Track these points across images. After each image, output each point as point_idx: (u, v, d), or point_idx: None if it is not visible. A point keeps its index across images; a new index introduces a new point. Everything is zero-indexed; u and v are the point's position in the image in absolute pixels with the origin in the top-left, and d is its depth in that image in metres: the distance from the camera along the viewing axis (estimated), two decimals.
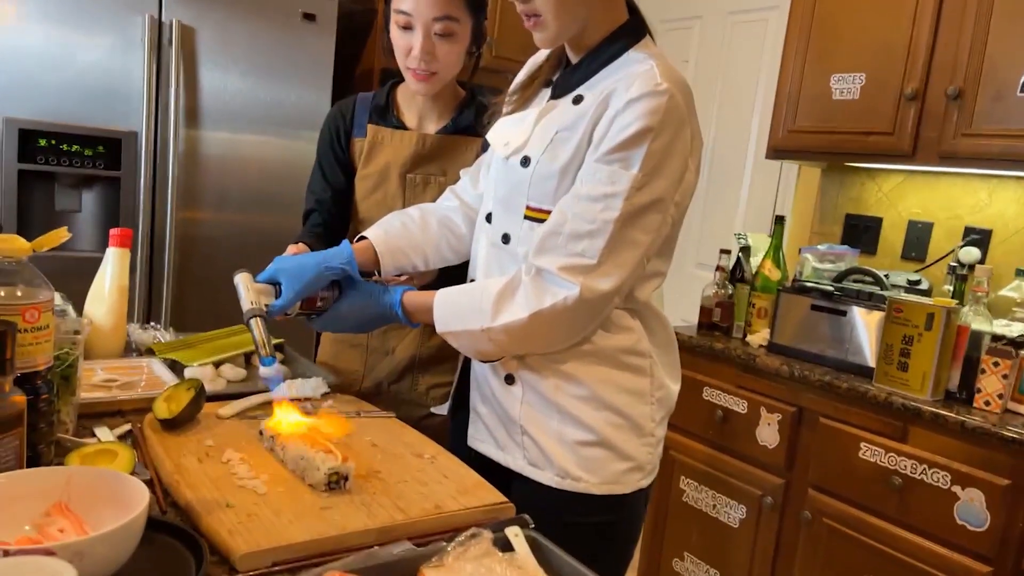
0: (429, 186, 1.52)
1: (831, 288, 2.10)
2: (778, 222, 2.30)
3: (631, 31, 1.14)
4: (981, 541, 1.67)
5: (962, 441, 1.71)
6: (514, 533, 0.84)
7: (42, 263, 0.93)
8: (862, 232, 2.57)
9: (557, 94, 1.18)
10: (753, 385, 2.15)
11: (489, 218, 1.23)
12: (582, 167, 1.09)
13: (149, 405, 1.13)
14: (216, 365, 1.39)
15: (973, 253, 2.12)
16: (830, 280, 2.22)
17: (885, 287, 2.11)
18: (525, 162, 1.15)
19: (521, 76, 1.29)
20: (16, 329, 0.82)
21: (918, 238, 2.43)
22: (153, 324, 1.63)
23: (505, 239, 1.18)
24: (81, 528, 0.75)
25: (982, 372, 1.77)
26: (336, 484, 0.95)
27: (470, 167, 1.41)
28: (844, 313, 2.03)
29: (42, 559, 0.62)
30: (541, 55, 1.27)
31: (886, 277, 2.19)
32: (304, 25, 2.58)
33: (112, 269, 1.43)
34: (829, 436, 1.96)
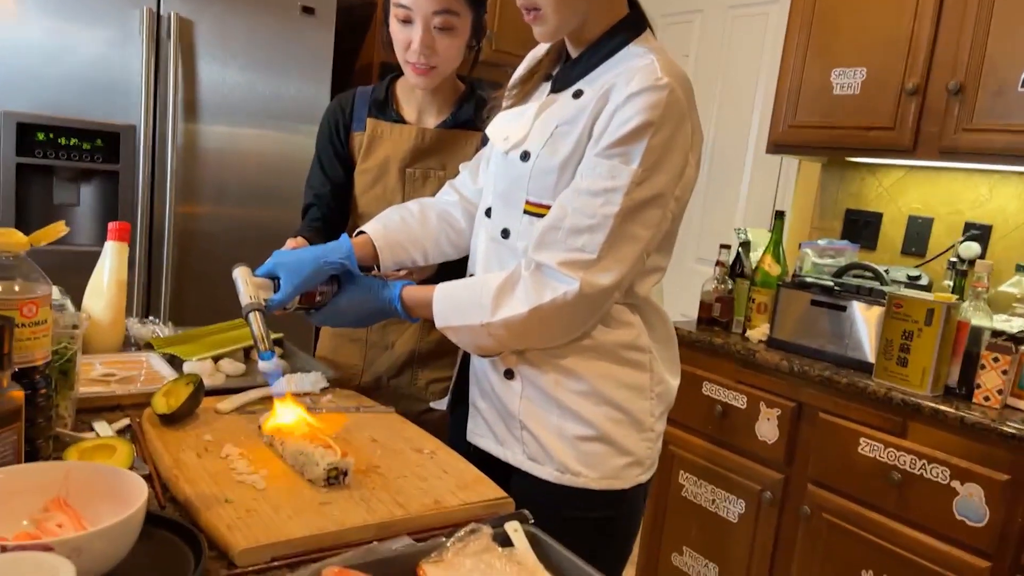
0: (428, 180, 1.51)
1: (831, 283, 2.10)
2: (778, 217, 2.29)
3: (631, 25, 1.13)
4: (980, 536, 1.67)
5: (961, 436, 1.72)
6: (513, 528, 0.84)
7: (40, 257, 0.93)
8: (862, 227, 2.57)
9: (557, 88, 1.17)
10: (753, 380, 2.15)
11: (489, 213, 1.22)
12: (582, 162, 1.09)
13: (148, 400, 1.13)
14: (215, 360, 1.39)
15: (973, 248, 2.12)
16: (830, 275, 2.22)
17: (885, 282, 2.11)
18: (525, 157, 1.14)
19: (521, 70, 1.28)
20: (14, 324, 0.82)
21: (918, 233, 2.43)
22: (152, 318, 1.63)
23: (505, 234, 1.18)
24: (79, 523, 0.74)
25: (982, 368, 1.77)
26: (335, 479, 0.95)
27: (470, 161, 1.41)
28: (844, 308, 2.03)
29: (40, 555, 0.62)
30: (541, 49, 1.26)
31: (886, 272, 2.19)
32: (303, 18, 2.57)
33: (110, 263, 1.43)
34: (828, 431, 1.96)
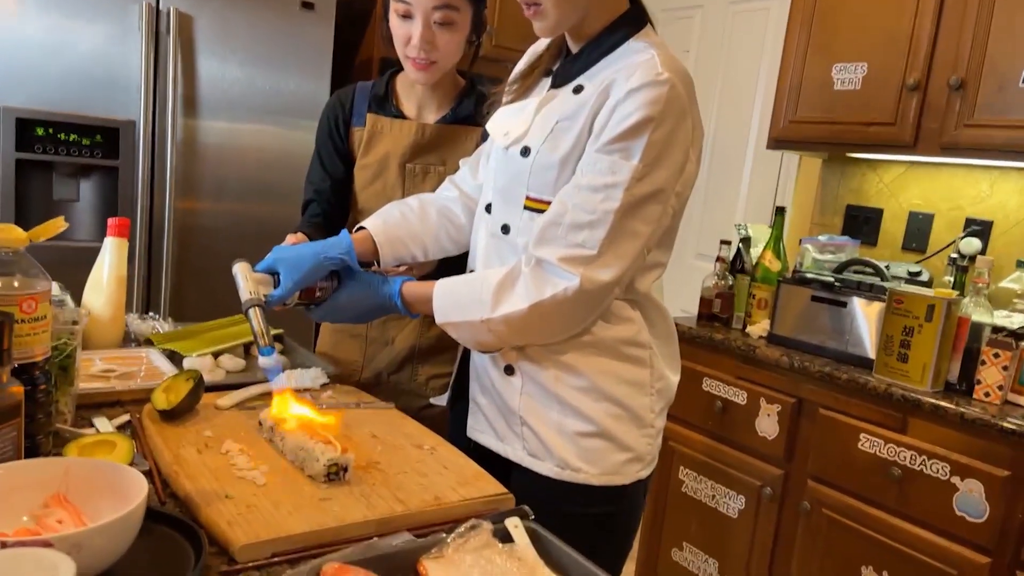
0: (428, 176, 1.51)
1: (831, 279, 2.10)
2: (779, 213, 2.29)
3: (632, 20, 1.13)
4: (980, 532, 1.67)
5: (962, 432, 1.72)
6: (514, 524, 0.84)
7: (40, 253, 0.93)
8: (863, 223, 2.57)
9: (557, 83, 1.17)
10: (753, 376, 2.15)
11: (489, 208, 1.22)
12: (582, 157, 1.08)
13: (148, 396, 1.13)
14: (215, 355, 1.39)
15: (974, 244, 2.12)
16: (830, 271, 2.22)
17: (886, 278, 2.11)
18: (525, 152, 1.14)
19: (521, 65, 1.28)
20: (13, 320, 0.82)
21: (919, 229, 2.42)
22: (152, 314, 1.63)
23: (505, 229, 1.18)
24: (79, 519, 0.74)
25: (982, 363, 1.77)
26: (335, 475, 0.95)
27: (470, 157, 1.41)
28: (844, 304, 2.03)
29: (40, 551, 0.62)
30: (541, 44, 1.26)
31: (887, 268, 2.19)
32: (303, 13, 2.57)
33: (110, 259, 1.42)
34: (829, 427, 1.96)
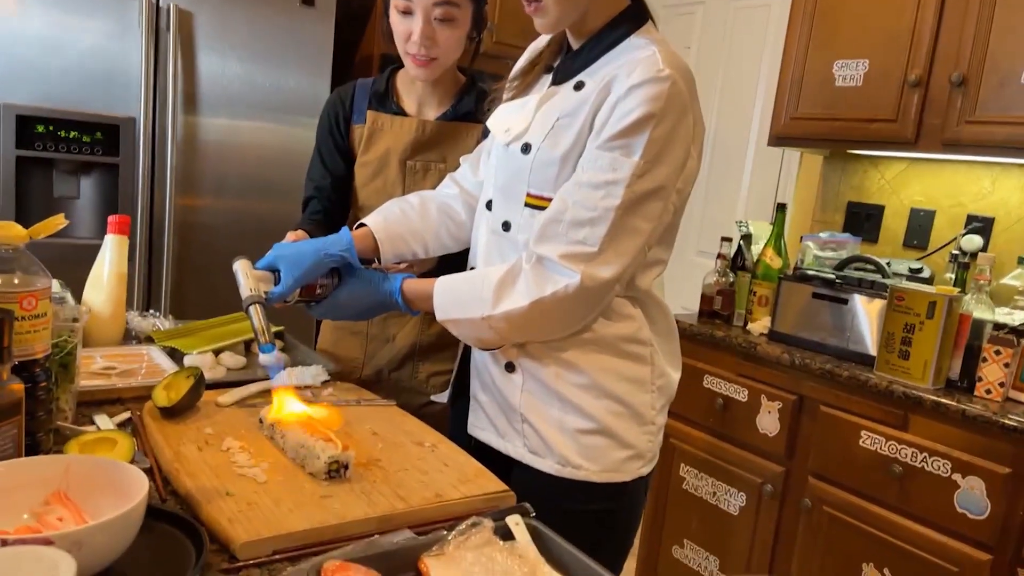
0: (429, 173, 1.51)
1: (832, 276, 2.10)
2: (780, 210, 2.29)
3: (633, 16, 1.13)
4: (981, 529, 1.67)
5: (963, 429, 1.71)
6: (515, 522, 0.84)
7: (40, 250, 0.92)
8: (864, 220, 2.57)
9: (558, 80, 1.17)
10: (754, 373, 2.14)
11: (489, 205, 1.22)
12: (583, 154, 1.08)
13: (148, 393, 1.13)
14: (216, 353, 1.39)
15: (975, 241, 2.12)
16: (831, 268, 2.21)
17: (887, 275, 2.11)
18: (526, 149, 1.14)
19: (522, 62, 1.27)
20: (13, 317, 0.82)
21: (920, 226, 2.42)
22: (152, 311, 1.63)
23: (505, 226, 1.18)
24: (80, 517, 0.74)
25: (983, 360, 1.77)
26: (336, 472, 0.95)
27: (470, 154, 1.40)
28: (845, 301, 2.03)
29: (40, 548, 0.62)
30: (542, 41, 1.25)
31: (888, 265, 2.18)
32: (303, 10, 2.56)
33: (111, 256, 1.42)
34: (830, 424, 1.96)
